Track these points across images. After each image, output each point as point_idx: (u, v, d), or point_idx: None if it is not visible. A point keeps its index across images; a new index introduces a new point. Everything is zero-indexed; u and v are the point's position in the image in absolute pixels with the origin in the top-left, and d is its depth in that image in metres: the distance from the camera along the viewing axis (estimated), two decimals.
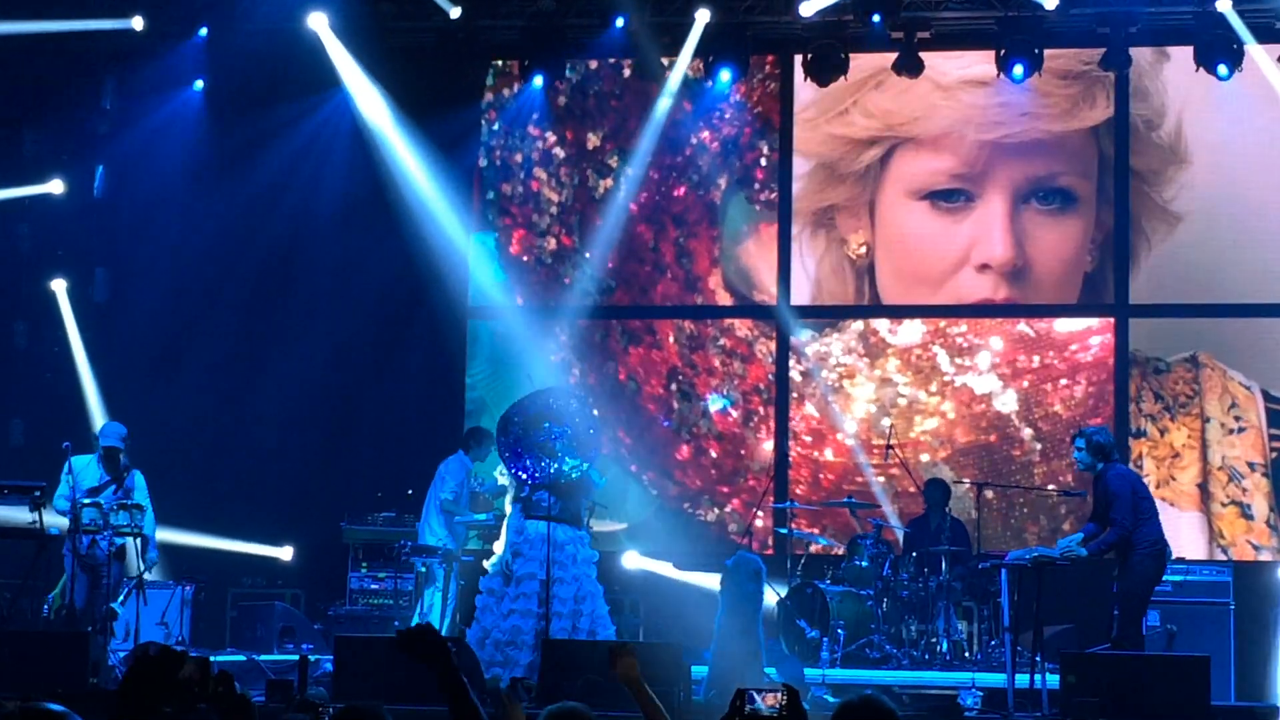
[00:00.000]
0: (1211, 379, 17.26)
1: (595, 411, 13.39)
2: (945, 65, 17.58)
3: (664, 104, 17.60)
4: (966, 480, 16.39)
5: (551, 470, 13.06)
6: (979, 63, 17.28)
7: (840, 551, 16.05)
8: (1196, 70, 16.40)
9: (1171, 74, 17.28)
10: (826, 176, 18.07)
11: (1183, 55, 16.77)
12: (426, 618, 14.45)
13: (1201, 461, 17.26)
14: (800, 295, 17.84)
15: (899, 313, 17.76)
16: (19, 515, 13.47)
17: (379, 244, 17.58)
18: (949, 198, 17.76)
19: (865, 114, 18.00)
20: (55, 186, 16.98)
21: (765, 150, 18.01)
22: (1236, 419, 17.26)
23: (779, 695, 5.22)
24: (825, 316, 17.86)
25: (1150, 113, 17.54)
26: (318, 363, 17.61)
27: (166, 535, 15.19)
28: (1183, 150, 17.41)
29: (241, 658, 14.48)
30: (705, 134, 18.05)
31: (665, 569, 16.37)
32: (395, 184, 17.42)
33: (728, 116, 17.97)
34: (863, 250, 17.94)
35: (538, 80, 17.32)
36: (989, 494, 16.63)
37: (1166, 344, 17.51)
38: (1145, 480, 14.67)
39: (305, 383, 17.52)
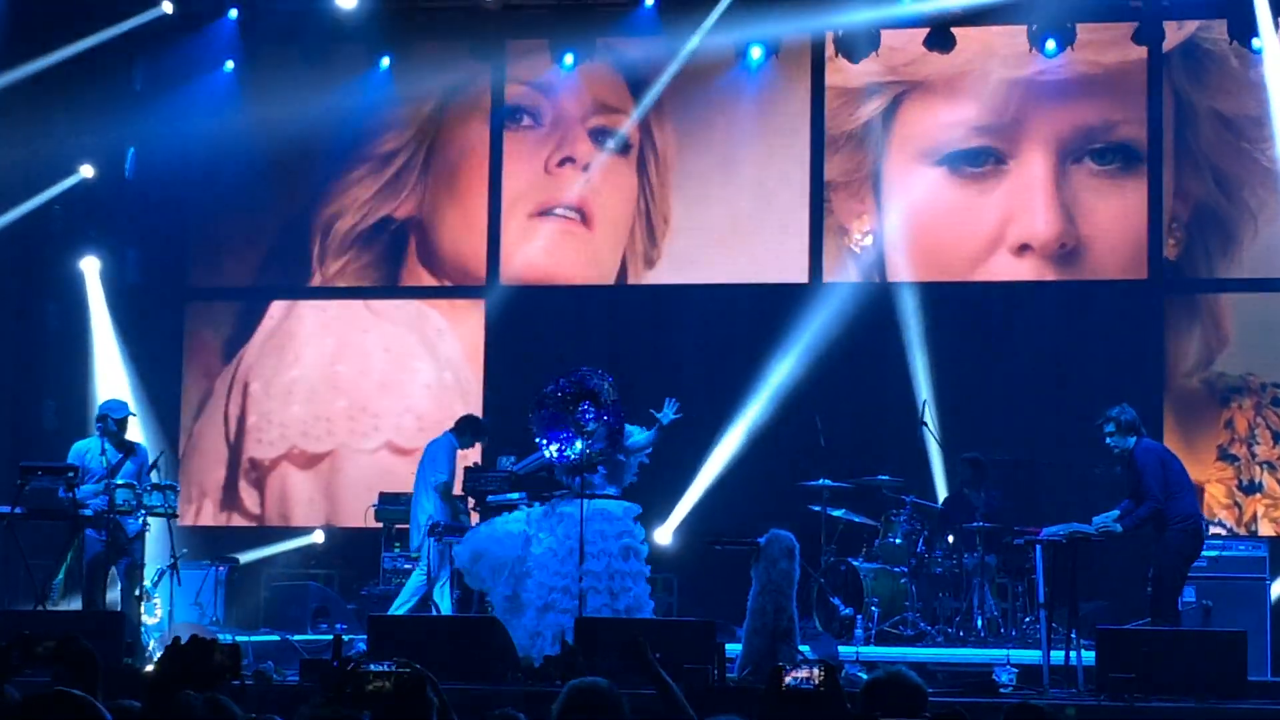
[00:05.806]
0: None
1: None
2: None
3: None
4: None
5: (572, 454, 12.90)
6: None
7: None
8: (1231, 43, 15.35)
9: None
10: None
11: None
12: (434, 600, 14.33)
13: None
14: None
15: None
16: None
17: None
18: (973, 160, 14.88)
19: None
20: (85, 172, 17.01)
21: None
22: None
23: (816, 671, 5.24)
24: None
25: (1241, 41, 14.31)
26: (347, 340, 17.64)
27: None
28: None
29: (276, 638, 14.51)
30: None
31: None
32: None
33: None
34: (869, 240, 15.06)
35: (568, 59, 17.29)
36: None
37: None
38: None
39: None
